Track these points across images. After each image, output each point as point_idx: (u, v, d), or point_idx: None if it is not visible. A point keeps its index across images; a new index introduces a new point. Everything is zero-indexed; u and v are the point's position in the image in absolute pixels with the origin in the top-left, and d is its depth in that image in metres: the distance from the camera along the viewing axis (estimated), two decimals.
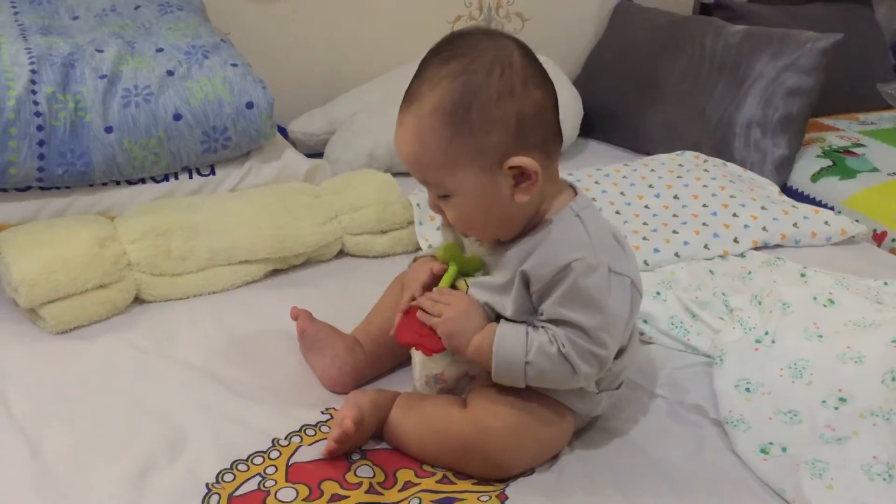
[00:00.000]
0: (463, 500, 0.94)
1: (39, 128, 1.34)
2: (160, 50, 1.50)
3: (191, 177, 1.49)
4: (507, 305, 0.97)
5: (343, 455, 1.00)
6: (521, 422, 0.97)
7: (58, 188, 1.40)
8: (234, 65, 1.51)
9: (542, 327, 0.95)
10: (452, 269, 1.02)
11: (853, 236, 1.59)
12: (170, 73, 1.46)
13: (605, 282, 0.93)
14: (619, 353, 1.02)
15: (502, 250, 0.99)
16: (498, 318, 0.99)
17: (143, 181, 1.46)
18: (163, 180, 1.47)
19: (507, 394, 0.99)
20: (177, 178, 1.48)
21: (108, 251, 1.27)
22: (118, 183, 1.44)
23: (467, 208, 0.96)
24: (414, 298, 1.03)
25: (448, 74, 0.91)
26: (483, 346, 0.96)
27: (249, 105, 1.47)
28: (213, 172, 1.51)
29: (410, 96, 0.94)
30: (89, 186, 1.42)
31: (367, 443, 1.03)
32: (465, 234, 1.04)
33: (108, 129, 1.38)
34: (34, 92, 1.34)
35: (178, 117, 1.42)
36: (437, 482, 0.97)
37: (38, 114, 1.34)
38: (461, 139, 0.91)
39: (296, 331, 1.17)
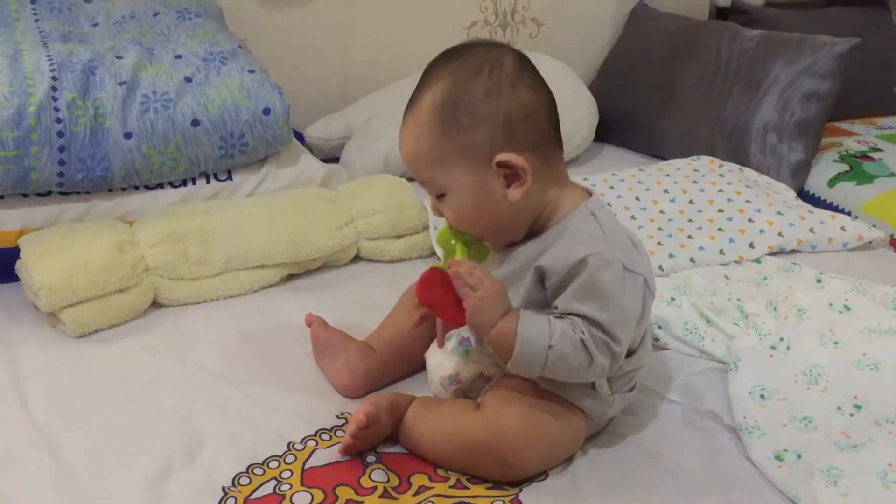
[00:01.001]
0: None
1: (60, 134, 1.36)
2: (178, 56, 1.51)
3: (208, 182, 1.50)
4: (513, 300, 0.98)
5: (358, 458, 1.01)
6: (535, 422, 0.98)
7: (78, 193, 1.42)
8: (252, 71, 1.52)
9: (560, 317, 0.95)
10: (460, 250, 1.01)
11: (870, 241, 1.58)
12: (188, 79, 1.47)
13: (619, 277, 0.95)
14: (630, 353, 1.02)
15: (513, 250, 1.01)
16: None
17: (161, 186, 1.47)
18: (181, 185, 1.49)
19: (521, 394, 1.00)
20: (194, 183, 1.50)
21: (127, 256, 1.29)
22: (137, 188, 1.46)
23: (462, 206, 0.98)
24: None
25: (441, 76, 0.97)
26: (507, 330, 0.94)
27: (266, 111, 1.48)
28: (230, 178, 1.52)
29: (411, 100, 1.00)
30: (109, 192, 1.44)
31: (382, 444, 1.04)
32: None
33: (128, 135, 1.40)
34: (55, 98, 1.36)
35: (196, 123, 1.44)
36: (450, 487, 0.98)
37: (58, 120, 1.36)
38: (450, 135, 0.96)
39: (310, 337, 1.18)
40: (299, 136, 1.83)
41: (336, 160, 1.83)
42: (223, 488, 0.96)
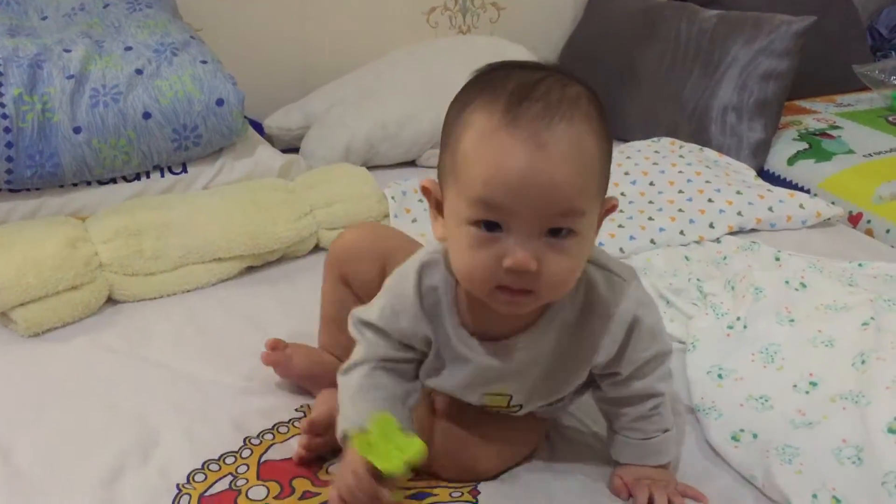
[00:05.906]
0: (435, 495, 0.94)
1: (7, 130, 1.33)
2: (129, 48, 1.49)
3: (163, 175, 1.48)
4: (556, 390, 0.93)
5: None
6: (491, 423, 0.96)
7: (27, 190, 1.39)
8: (204, 62, 1.50)
9: (635, 397, 0.93)
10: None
11: (828, 219, 1.59)
12: (139, 71, 1.45)
13: (650, 300, 0.92)
14: None
15: (521, 337, 0.87)
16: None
17: (114, 181, 1.45)
18: (134, 179, 1.47)
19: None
20: (148, 176, 1.48)
21: (80, 252, 1.27)
22: (89, 183, 1.44)
23: (582, 251, 0.77)
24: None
25: (577, 95, 0.75)
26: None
27: (219, 102, 1.46)
28: (185, 170, 1.50)
29: (545, 113, 0.72)
30: (59, 188, 1.41)
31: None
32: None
33: (77, 130, 1.37)
34: (1, 94, 1.33)
35: (147, 116, 1.41)
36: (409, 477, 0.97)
37: (4, 116, 1.33)
38: (607, 161, 0.78)
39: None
40: (259, 127, 1.81)
41: (296, 150, 1.81)
42: (177, 486, 0.95)
